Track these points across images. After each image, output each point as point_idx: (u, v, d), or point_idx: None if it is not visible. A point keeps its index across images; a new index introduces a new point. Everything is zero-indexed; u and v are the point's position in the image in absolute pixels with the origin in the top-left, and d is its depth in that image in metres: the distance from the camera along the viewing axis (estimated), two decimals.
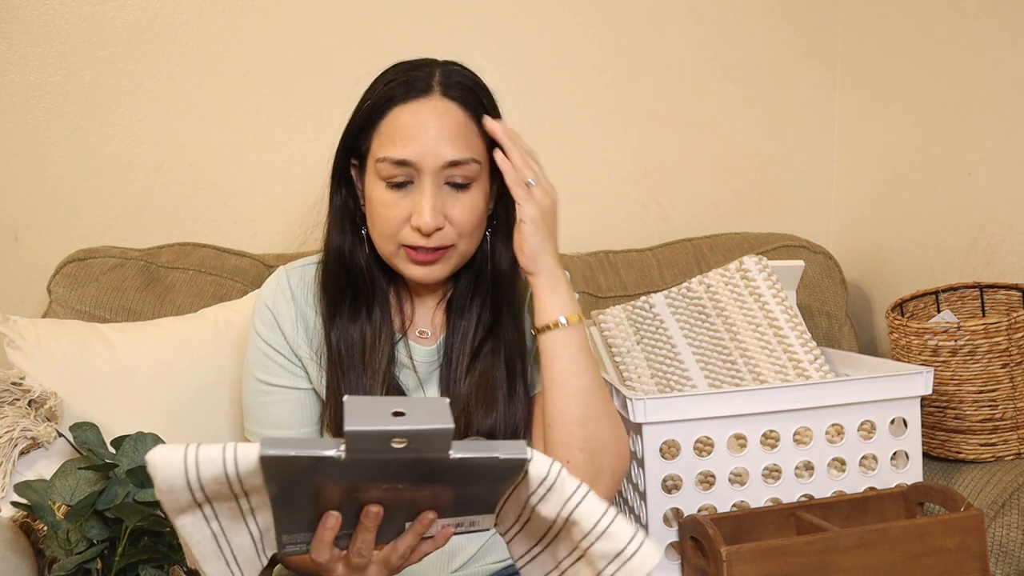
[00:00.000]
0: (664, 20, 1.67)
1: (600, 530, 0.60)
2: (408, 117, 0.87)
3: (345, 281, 0.95)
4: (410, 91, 0.88)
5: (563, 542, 0.64)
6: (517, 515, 0.66)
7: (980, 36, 1.36)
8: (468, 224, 0.90)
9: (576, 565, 0.64)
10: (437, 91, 0.88)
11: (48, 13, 1.48)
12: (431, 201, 0.86)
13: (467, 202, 0.89)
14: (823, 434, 1.03)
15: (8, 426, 1.02)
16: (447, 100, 0.88)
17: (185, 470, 0.55)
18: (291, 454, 0.54)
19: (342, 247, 0.95)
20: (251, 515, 0.61)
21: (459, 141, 0.87)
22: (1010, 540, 1.05)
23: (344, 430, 0.53)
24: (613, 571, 0.60)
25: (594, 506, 0.60)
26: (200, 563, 0.61)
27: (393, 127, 0.87)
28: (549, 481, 0.60)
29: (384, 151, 0.87)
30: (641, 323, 1.27)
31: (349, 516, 0.62)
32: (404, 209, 0.88)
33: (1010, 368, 1.16)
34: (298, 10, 1.55)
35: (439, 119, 0.87)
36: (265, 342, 0.96)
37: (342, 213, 0.96)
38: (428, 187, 0.86)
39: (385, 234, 0.90)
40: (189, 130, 1.54)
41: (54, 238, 1.51)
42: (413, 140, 0.86)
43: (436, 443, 0.56)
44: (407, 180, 0.87)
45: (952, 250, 1.44)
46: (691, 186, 1.72)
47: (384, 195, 0.88)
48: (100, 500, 0.85)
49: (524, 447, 0.59)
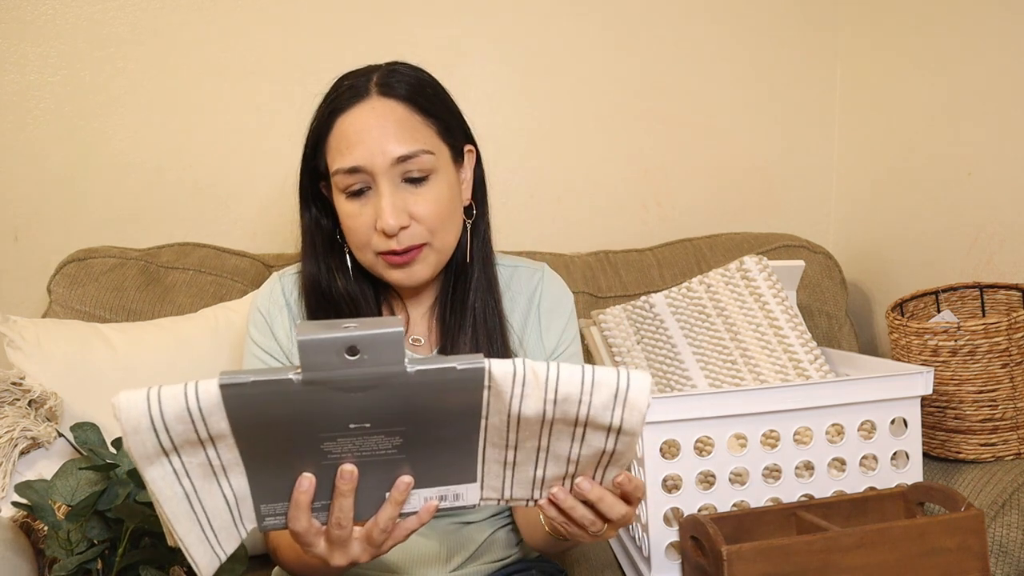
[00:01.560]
0: (664, 20, 1.67)
1: (589, 385, 0.59)
2: (350, 123, 0.87)
3: (326, 307, 0.95)
4: (350, 99, 0.88)
5: (562, 437, 0.62)
6: (503, 457, 0.64)
7: (980, 36, 1.36)
8: (434, 217, 0.89)
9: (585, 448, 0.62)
10: (374, 92, 0.88)
11: (48, 13, 1.48)
12: (389, 201, 0.86)
13: (427, 195, 0.88)
14: (823, 434, 1.03)
15: (8, 426, 1.02)
16: (385, 99, 0.88)
17: (148, 408, 0.55)
18: (249, 380, 0.55)
19: (317, 276, 0.95)
20: (223, 474, 0.60)
21: (403, 135, 0.87)
22: (1010, 540, 1.05)
23: (296, 340, 0.55)
24: (620, 415, 0.59)
25: (572, 370, 0.59)
26: (172, 524, 0.60)
27: (339, 138, 0.88)
28: (519, 376, 0.59)
29: (335, 163, 0.88)
30: (641, 323, 1.27)
31: (325, 484, 0.62)
32: (369, 216, 0.88)
33: (1010, 368, 1.16)
34: (298, 10, 1.55)
35: (379, 118, 0.87)
36: (259, 347, 0.97)
37: (312, 235, 0.96)
38: (385, 188, 0.86)
39: (359, 245, 0.90)
40: (189, 130, 1.54)
41: (54, 238, 1.51)
42: (358, 145, 0.86)
43: (389, 351, 0.56)
44: (364, 186, 0.87)
45: (952, 250, 1.44)
46: (691, 186, 1.72)
47: (347, 206, 0.89)
48: (101, 500, 0.85)
49: (479, 357, 0.58)
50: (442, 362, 0.57)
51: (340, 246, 0.96)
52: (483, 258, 0.98)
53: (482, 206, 0.99)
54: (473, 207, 0.98)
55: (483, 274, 0.98)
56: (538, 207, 1.68)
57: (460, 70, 1.62)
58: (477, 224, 0.98)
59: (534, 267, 1.05)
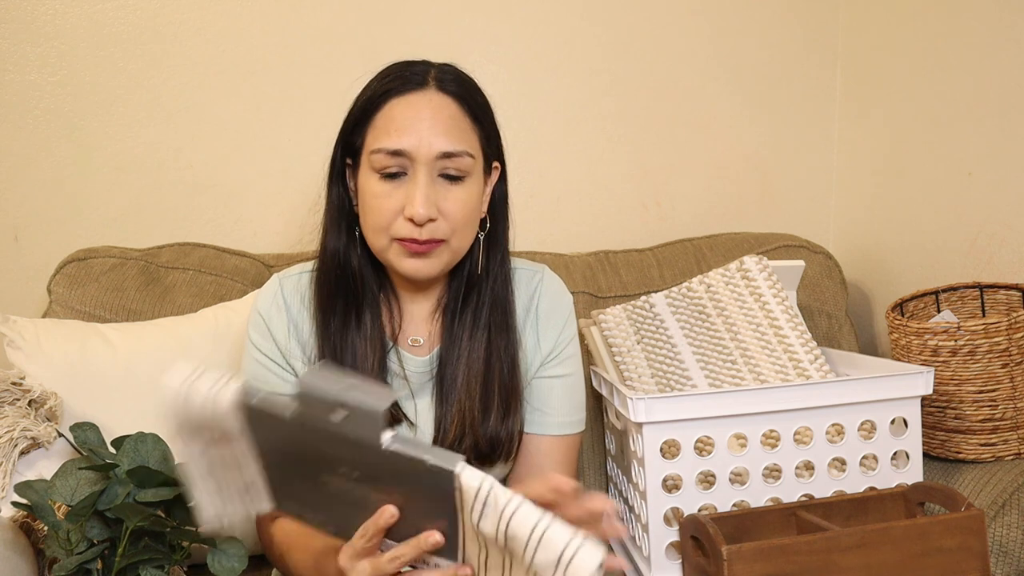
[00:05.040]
0: (664, 20, 1.67)
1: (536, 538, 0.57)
2: (403, 108, 0.88)
3: (338, 284, 0.95)
4: (406, 84, 0.89)
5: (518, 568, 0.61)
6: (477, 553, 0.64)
7: (980, 36, 1.36)
8: (460, 217, 0.90)
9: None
10: (432, 85, 0.90)
11: (48, 13, 1.48)
12: (424, 191, 0.87)
13: (460, 195, 0.90)
14: (823, 434, 1.03)
15: (8, 426, 1.02)
16: (442, 93, 0.89)
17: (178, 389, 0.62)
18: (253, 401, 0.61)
19: (337, 248, 0.95)
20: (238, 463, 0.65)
21: (453, 133, 0.88)
22: (1010, 540, 1.05)
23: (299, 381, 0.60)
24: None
25: (528, 515, 0.58)
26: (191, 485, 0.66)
27: (388, 119, 0.88)
28: (483, 495, 0.59)
29: (379, 142, 0.88)
30: (641, 323, 1.27)
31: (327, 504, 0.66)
32: (397, 200, 0.88)
33: (1010, 368, 1.16)
34: (298, 10, 1.55)
35: (433, 110, 0.88)
36: (258, 349, 0.97)
37: (338, 211, 0.96)
38: (422, 177, 0.87)
39: (377, 227, 0.90)
40: (189, 130, 1.54)
41: (54, 238, 1.51)
42: (408, 130, 0.87)
43: (370, 424, 0.58)
44: (401, 171, 0.88)
45: (952, 250, 1.44)
46: (691, 186, 1.72)
47: (377, 187, 0.89)
48: (100, 500, 0.85)
49: (456, 459, 0.59)
50: (417, 449, 0.59)
51: (353, 224, 0.96)
52: (500, 274, 0.98)
53: (503, 223, 1.00)
54: (487, 221, 0.98)
55: (501, 290, 0.98)
56: (538, 207, 1.68)
57: None
58: (496, 239, 0.99)
59: (534, 269, 1.05)
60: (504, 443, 0.96)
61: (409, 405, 0.97)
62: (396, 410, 0.96)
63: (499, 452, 0.97)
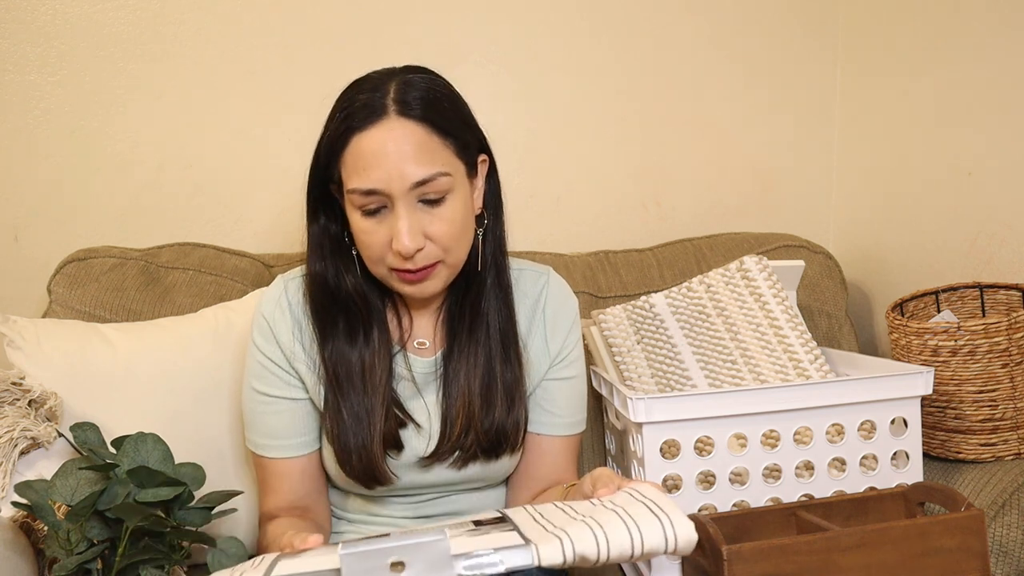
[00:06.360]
0: (664, 20, 1.66)
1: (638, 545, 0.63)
2: (368, 143, 0.85)
3: (333, 306, 0.95)
4: (366, 117, 0.86)
5: None
6: None
7: (980, 35, 1.36)
8: (450, 237, 0.89)
9: None
10: (392, 111, 0.85)
11: (48, 13, 1.48)
12: (406, 224, 0.85)
13: (444, 215, 0.88)
14: (823, 434, 1.03)
15: (8, 426, 1.02)
16: (403, 119, 0.85)
17: None
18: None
19: (324, 274, 0.95)
20: None
21: (423, 159, 0.85)
22: (1010, 540, 1.05)
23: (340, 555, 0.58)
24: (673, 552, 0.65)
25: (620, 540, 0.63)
26: None
27: (355, 156, 0.86)
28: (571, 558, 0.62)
29: (351, 182, 0.87)
30: (641, 323, 1.27)
31: None
32: (384, 235, 0.87)
33: (1010, 368, 1.16)
34: (298, 11, 1.55)
35: (397, 142, 0.85)
36: (262, 353, 0.97)
37: (320, 240, 0.95)
38: (401, 210, 0.86)
39: (372, 259, 0.90)
40: (189, 130, 1.54)
41: (54, 238, 1.50)
42: (375, 168, 0.85)
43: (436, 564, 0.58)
44: (380, 206, 0.87)
45: (952, 250, 1.44)
46: (691, 186, 1.72)
47: (362, 223, 0.88)
48: (100, 500, 0.85)
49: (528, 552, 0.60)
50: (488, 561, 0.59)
51: (348, 247, 0.95)
52: (497, 266, 0.98)
53: (497, 215, 0.99)
54: (484, 215, 0.98)
55: (497, 282, 0.98)
56: (538, 207, 1.68)
57: (460, 70, 1.60)
58: (491, 232, 0.98)
59: (539, 270, 1.05)
60: (511, 434, 0.97)
61: (415, 403, 0.98)
62: (401, 412, 0.96)
63: (506, 444, 0.97)
